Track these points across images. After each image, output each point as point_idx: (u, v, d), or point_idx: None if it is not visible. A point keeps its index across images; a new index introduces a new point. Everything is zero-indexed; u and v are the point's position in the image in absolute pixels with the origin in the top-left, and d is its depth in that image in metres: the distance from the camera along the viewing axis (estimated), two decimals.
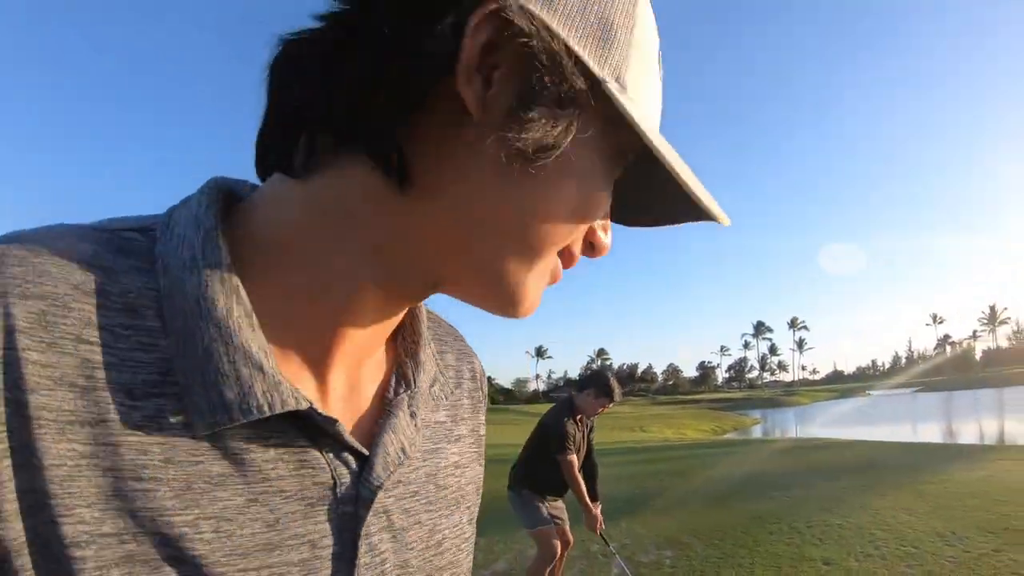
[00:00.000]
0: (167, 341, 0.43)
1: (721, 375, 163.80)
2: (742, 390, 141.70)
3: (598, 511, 4.94)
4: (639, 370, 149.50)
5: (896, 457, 13.23)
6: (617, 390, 4.79)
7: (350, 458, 0.49)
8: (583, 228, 0.52)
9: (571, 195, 0.48)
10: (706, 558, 6.32)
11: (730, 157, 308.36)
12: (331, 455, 0.48)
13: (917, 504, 8.02)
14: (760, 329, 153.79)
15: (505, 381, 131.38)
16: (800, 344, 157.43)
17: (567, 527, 5.05)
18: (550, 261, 0.51)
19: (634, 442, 23.90)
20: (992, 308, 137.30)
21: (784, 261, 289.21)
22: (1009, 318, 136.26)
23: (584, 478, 4.74)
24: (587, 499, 4.75)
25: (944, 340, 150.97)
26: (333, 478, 0.48)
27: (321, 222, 0.48)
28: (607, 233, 0.56)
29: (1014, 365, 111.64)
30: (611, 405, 4.82)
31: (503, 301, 0.51)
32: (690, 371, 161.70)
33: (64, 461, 0.38)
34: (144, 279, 0.45)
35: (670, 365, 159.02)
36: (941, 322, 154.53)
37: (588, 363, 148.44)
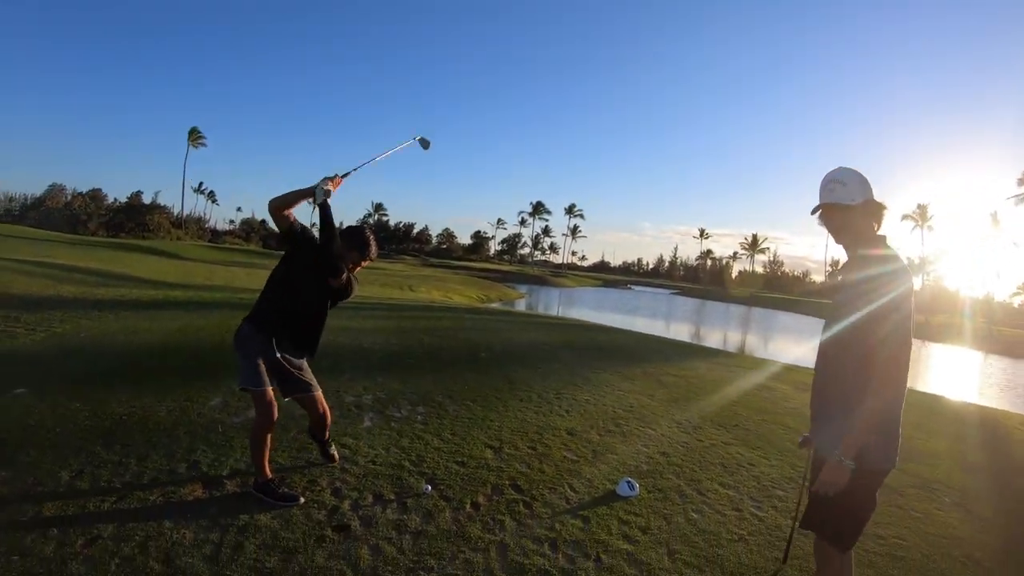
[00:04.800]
0: None
1: (494, 247, 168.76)
2: (512, 264, 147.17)
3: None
4: (415, 230, 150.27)
5: (647, 348, 14.42)
6: (374, 248, 4.61)
7: None
8: None
9: None
10: (457, 417, 6.50)
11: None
12: None
13: (660, 392, 8.80)
14: (538, 209, 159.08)
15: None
16: (574, 231, 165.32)
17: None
18: None
19: (401, 300, 24.12)
20: (755, 236, 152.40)
21: (570, 150, 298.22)
22: (768, 248, 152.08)
23: None
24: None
25: (706, 254, 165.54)
26: None
27: None
28: None
29: (763, 289, 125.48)
30: (366, 263, 4.64)
31: None
32: (465, 239, 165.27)
33: None
34: None
35: (445, 230, 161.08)
36: (707, 238, 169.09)
37: (365, 216, 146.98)
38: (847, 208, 2.93)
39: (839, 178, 2.96)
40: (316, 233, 4.42)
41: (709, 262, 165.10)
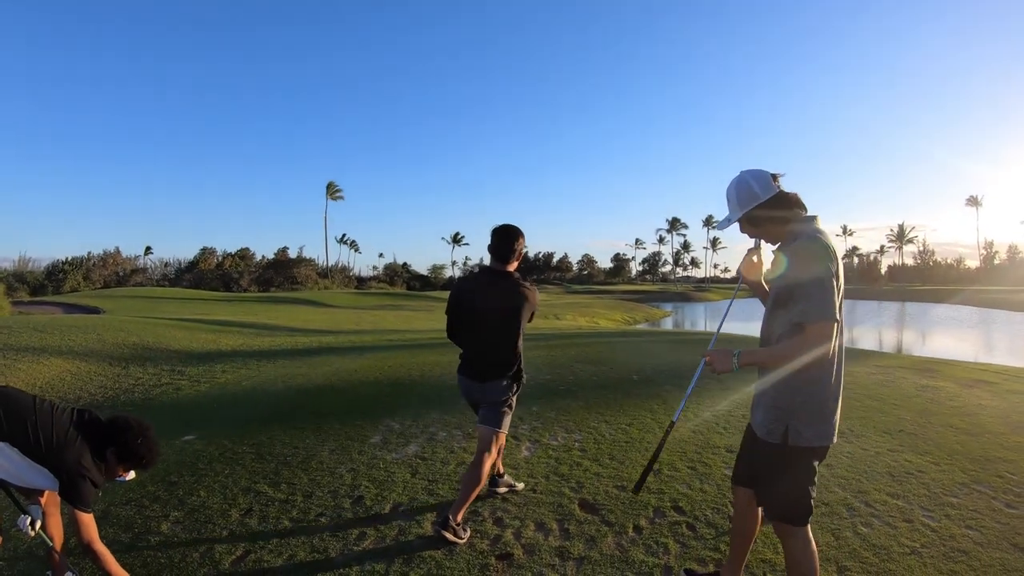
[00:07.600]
0: None
1: (635, 268, 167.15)
2: (655, 283, 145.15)
3: None
4: (555, 259, 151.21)
5: None
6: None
7: None
8: None
9: None
10: (614, 442, 6.52)
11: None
12: None
13: None
14: (675, 225, 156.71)
15: (422, 268, 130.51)
16: (714, 243, 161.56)
17: None
18: None
19: (548, 329, 24.30)
20: (900, 226, 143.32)
21: (701, 161, 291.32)
22: (915, 237, 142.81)
23: None
24: None
25: (852, 251, 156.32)
26: None
27: None
28: None
29: (916, 282, 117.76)
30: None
31: None
32: (605, 262, 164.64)
33: None
34: None
35: (585, 255, 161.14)
36: (851, 234, 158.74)
37: None
38: (744, 222, 3.14)
39: (727, 198, 3.17)
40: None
41: (856, 259, 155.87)
